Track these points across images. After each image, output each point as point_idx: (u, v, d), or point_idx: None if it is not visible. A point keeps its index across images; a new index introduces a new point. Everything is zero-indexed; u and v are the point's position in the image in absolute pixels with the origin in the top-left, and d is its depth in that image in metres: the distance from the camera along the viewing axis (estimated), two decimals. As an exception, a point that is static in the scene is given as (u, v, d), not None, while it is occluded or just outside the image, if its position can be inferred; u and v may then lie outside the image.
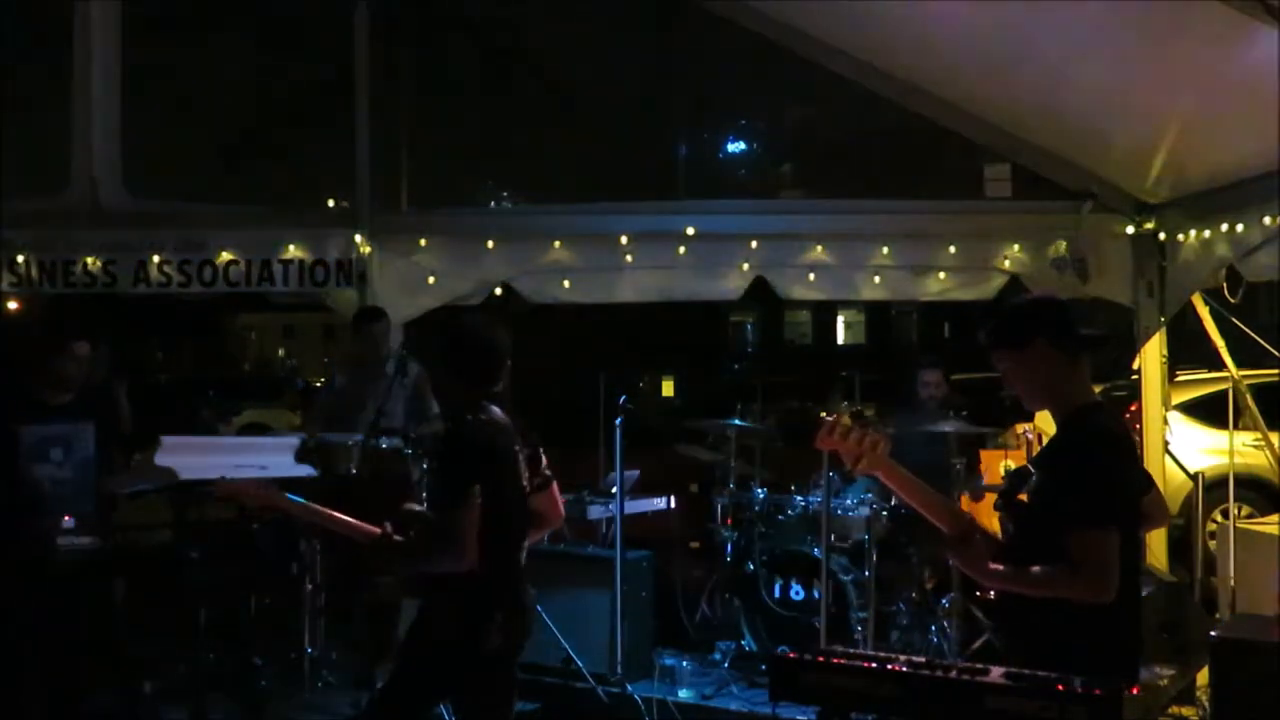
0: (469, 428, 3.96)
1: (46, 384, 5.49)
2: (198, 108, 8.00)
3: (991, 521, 3.64)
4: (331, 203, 8.21)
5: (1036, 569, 3.17)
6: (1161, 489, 7.50)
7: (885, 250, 7.91)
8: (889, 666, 3.02)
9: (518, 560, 4.05)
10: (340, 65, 7.83)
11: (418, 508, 4.06)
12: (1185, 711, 5.73)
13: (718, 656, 6.75)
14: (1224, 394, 7.74)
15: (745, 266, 7.95)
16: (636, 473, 7.16)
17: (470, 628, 3.89)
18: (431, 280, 7.85)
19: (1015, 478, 3.44)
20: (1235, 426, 7.65)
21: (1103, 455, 3.21)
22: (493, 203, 8.98)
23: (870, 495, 6.65)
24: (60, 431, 5.43)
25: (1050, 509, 3.22)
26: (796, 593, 6.69)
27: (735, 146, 9.66)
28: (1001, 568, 3.24)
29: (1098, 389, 3.38)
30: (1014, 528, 3.37)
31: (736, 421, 7.27)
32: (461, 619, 3.90)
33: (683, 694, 6.32)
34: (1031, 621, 3.24)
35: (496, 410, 4.05)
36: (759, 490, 7.05)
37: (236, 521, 5.70)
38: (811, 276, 8.01)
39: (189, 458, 4.82)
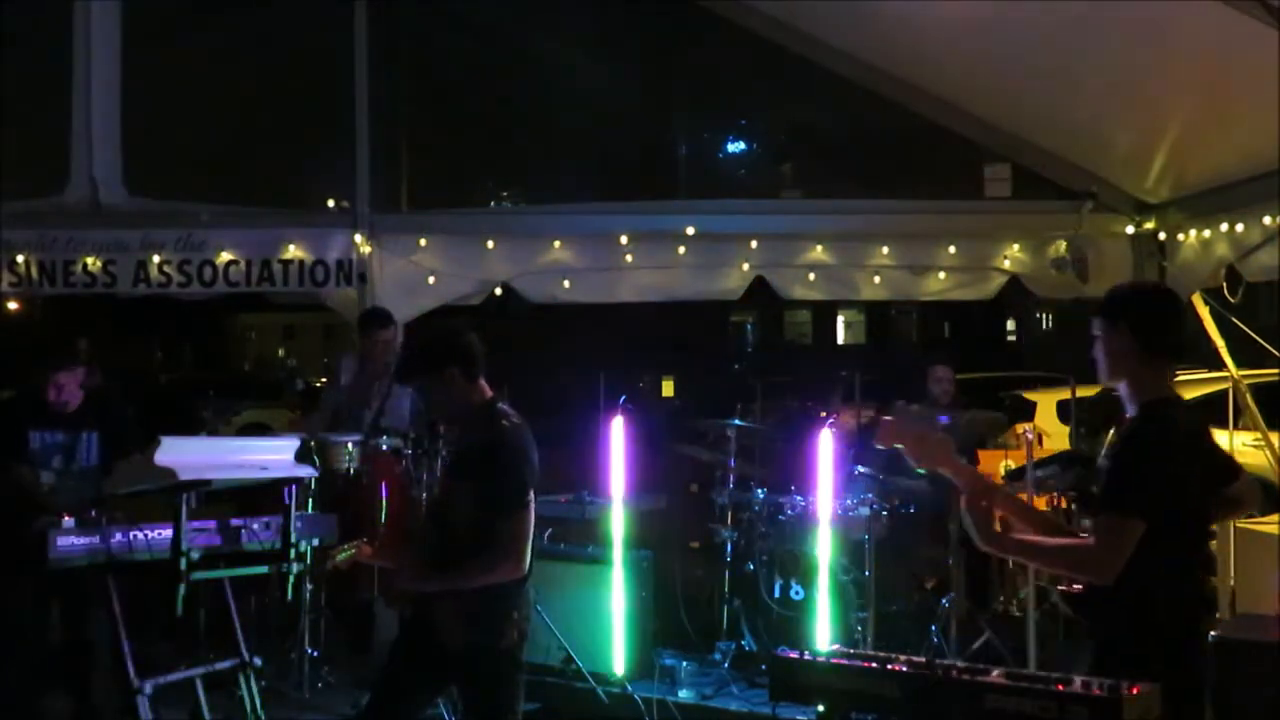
0: (516, 434, 3.96)
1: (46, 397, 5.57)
2: (198, 108, 7.98)
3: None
4: (331, 203, 8.20)
5: (1047, 541, 3.17)
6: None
7: (885, 250, 7.92)
8: (889, 666, 3.02)
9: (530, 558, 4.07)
10: (340, 65, 7.83)
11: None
12: (1185, 711, 5.72)
13: (718, 656, 6.74)
14: (1224, 394, 7.73)
15: (745, 266, 7.96)
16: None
17: (486, 628, 3.89)
18: (431, 280, 7.85)
19: (1095, 475, 3.45)
20: (1235, 426, 7.65)
21: (1153, 448, 3.19)
22: (493, 203, 8.97)
23: (870, 495, 6.65)
24: (63, 440, 5.53)
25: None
26: (796, 593, 6.67)
27: (735, 146, 9.64)
28: (1015, 537, 3.27)
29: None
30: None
31: (736, 421, 7.27)
32: (478, 620, 3.89)
33: (683, 694, 6.31)
34: (1106, 615, 3.23)
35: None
36: (759, 490, 7.05)
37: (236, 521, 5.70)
38: (811, 276, 8.02)
39: (189, 458, 4.82)
